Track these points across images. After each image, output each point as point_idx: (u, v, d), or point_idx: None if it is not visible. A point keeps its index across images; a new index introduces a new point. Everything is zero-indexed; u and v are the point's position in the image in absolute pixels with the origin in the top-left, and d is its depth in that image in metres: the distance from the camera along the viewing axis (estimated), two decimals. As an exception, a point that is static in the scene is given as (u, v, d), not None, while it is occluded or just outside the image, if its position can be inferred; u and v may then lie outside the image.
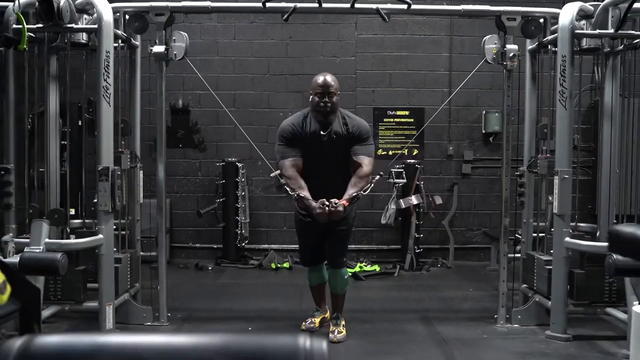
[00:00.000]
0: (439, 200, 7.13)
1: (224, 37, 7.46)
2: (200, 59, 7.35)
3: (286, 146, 4.14)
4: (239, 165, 7.15)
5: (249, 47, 7.46)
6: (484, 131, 7.44)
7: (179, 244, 7.53)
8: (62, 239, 4.55)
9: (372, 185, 4.21)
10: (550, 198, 4.57)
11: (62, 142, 6.09)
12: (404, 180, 6.91)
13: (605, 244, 4.22)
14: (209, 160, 7.47)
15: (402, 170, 6.92)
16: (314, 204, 3.94)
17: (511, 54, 4.51)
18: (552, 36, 4.56)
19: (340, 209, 3.93)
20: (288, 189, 4.10)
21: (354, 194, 4.01)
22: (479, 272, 6.90)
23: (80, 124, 6.11)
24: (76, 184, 5.21)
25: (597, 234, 4.57)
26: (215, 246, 7.43)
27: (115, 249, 4.51)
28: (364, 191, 4.09)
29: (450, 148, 7.48)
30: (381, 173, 4.44)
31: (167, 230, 7.27)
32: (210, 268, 6.97)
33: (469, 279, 6.58)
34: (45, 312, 4.25)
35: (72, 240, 4.34)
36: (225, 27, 7.45)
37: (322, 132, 4.08)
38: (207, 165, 7.49)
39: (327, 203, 3.93)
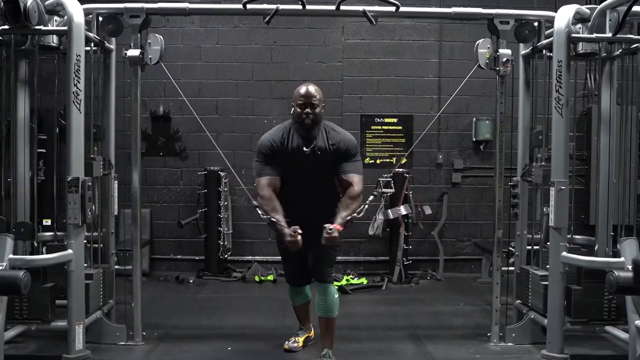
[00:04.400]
0: (428, 210, 6.92)
1: (206, 42, 7.22)
2: (181, 65, 7.18)
3: (263, 163, 3.86)
4: (222, 174, 6.90)
5: (233, 52, 7.23)
6: (474, 139, 7.24)
7: (160, 255, 7.26)
8: (33, 253, 4.31)
9: (366, 206, 3.94)
10: (545, 209, 4.37)
11: (39, 150, 5.88)
12: (392, 190, 6.70)
13: (606, 259, 4.03)
14: (190, 169, 7.22)
15: (390, 179, 6.70)
16: (286, 230, 3.67)
17: (504, 59, 4.30)
18: (547, 40, 4.36)
19: (336, 234, 3.63)
20: (260, 211, 3.85)
21: (348, 217, 3.73)
22: (469, 285, 6.69)
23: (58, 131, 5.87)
24: (53, 194, 4.96)
25: (596, 247, 4.36)
26: (197, 258, 7.17)
27: (86, 264, 4.25)
28: (358, 213, 3.80)
29: (440, 156, 7.28)
30: (374, 193, 4.15)
31: (146, 241, 7.04)
32: (191, 281, 6.70)
33: (459, 292, 6.36)
34: (10, 333, 3.97)
35: (38, 256, 4.07)
36: (207, 32, 7.22)
37: (305, 148, 3.81)
38: (188, 174, 7.24)
39: (299, 231, 3.64)
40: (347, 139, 3.89)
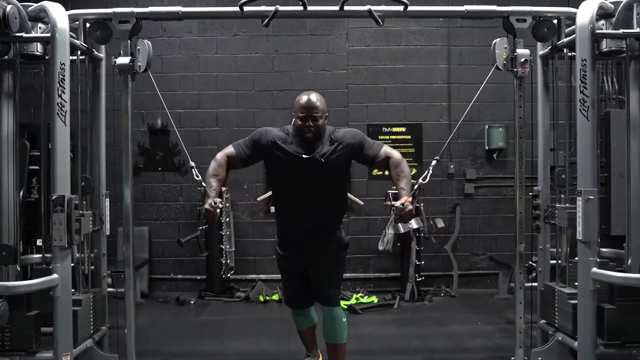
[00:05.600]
0: (440, 223, 6.59)
1: (205, 52, 6.96)
2: (179, 75, 6.94)
3: (244, 143, 3.56)
4: (223, 189, 6.56)
5: (232, 61, 6.95)
6: (487, 147, 6.92)
7: (159, 275, 6.96)
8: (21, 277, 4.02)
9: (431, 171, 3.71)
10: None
11: (32, 167, 5.58)
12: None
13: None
14: (190, 184, 6.91)
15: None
16: (210, 199, 3.35)
17: (522, 60, 3.98)
18: (569, 38, 4.04)
19: (410, 207, 3.30)
20: (196, 171, 3.74)
21: (409, 185, 3.39)
22: (486, 302, 6.33)
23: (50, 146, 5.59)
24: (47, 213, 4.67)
25: (628, 261, 3.99)
26: (198, 277, 6.86)
27: (74, 290, 3.93)
28: (423, 179, 3.60)
29: (452, 166, 6.95)
30: (437, 158, 3.83)
31: (145, 261, 6.72)
32: (192, 302, 6.37)
33: (476, 309, 6.00)
34: (-9, 366, 3.65)
35: (19, 282, 3.74)
36: (206, 41, 6.95)
37: (304, 155, 3.43)
38: (188, 190, 6.93)
39: (220, 206, 3.35)
40: (352, 132, 3.59)
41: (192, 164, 3.78)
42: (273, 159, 3.52)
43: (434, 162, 3.77)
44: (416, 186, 3.52)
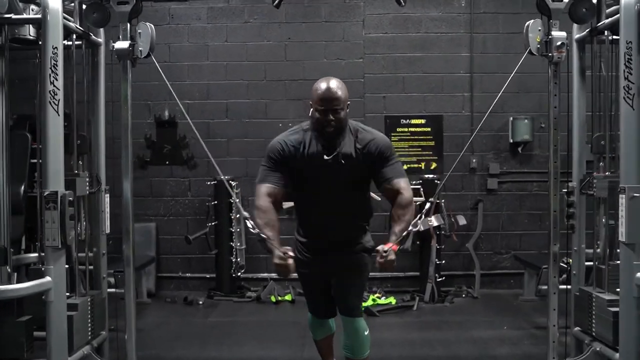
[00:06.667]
0: (462, 220, 6.23)
1: (214, 40, 6.64)
2: (188, 65, 6.65)
3: (269, 169, 3.17)
4: (233, 183, 6.27)
5: (243, 50, 6.63)
6: (511, 140, 6.55)
7: (167, 273, 6.67)
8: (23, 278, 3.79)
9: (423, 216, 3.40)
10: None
11: (33, 161, 5.32)
12: (422, 199, 6.01)
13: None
14: (199, 179, 6.62)
15: (419, 187, 6.04)
16: (277, 251, 2.95)
17: (558, 43, 3.63)
18: (610, 19, 3.68)
19: (393, 256, 2.93)
20: (250, 224, 3.12)
21: (404, 233, 3.03)
22: (510, 304, 5.98)
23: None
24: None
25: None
26: (207, 276, 6.57)
27: (70, 293, 3.64)
28: (414, 226, 3.13)
29: (474, 160, 6.58)
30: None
31: (152, 259, 6.45)
32: (201, 302, 6.08)
33: (500, 312, 5.65)
34: (-21, 376, 3.38)
35: (8, 286, 3.45)
36: (215, 28, 6.64)
37: (325, 156, 3.09)
38: (197, 184, 6.63)
39: (290, 253, 2.95)
40: (378, 139, 3.17)
41: (246, 214, 3.25)
42: (295, 165, 3.17)
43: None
44: (404, 233, 3.05)
